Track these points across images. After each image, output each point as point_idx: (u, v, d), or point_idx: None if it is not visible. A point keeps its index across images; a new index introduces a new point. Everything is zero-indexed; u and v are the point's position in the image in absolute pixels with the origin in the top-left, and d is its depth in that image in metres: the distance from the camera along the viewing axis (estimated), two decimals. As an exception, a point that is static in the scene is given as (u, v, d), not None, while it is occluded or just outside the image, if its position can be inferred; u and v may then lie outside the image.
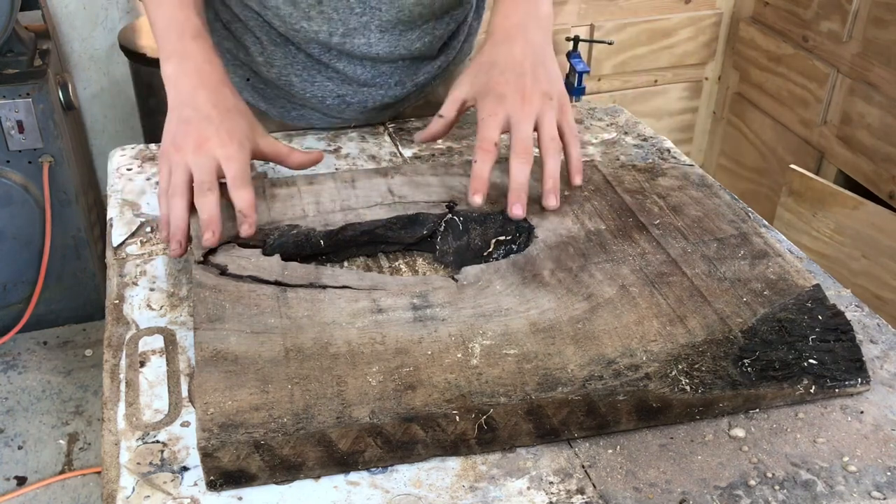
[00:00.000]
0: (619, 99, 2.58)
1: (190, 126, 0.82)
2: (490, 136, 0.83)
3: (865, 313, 0.79)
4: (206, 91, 0.85)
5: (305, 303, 0.71)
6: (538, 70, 0.85)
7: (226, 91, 0.86)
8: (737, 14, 2.58)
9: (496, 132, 0.84)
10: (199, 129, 0.82)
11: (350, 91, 1.06)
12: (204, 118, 0.83)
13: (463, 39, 1.13)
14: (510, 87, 0.84)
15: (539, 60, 0.86)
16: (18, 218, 2.07)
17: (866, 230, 1.83)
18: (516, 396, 0.62)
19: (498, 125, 0.84)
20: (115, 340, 0.74)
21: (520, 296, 0.72)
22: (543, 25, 0.89)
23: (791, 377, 0.66)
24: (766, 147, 2.50)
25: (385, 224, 0.83)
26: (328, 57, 1.02)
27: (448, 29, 1.06)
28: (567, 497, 0.60)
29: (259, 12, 1.01)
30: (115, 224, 0.90)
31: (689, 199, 0.88)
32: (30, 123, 1.97)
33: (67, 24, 2.33)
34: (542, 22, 0.89)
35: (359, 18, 0.98)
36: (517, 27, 0.88)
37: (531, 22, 0.88)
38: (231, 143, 0.82)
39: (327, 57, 1.02)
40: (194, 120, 0.83)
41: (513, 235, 0.84)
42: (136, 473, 0.61)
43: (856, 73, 2.11)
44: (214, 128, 0.82)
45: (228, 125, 0.83)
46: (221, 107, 0.84)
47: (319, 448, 0.60)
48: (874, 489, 0.60)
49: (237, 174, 0.81)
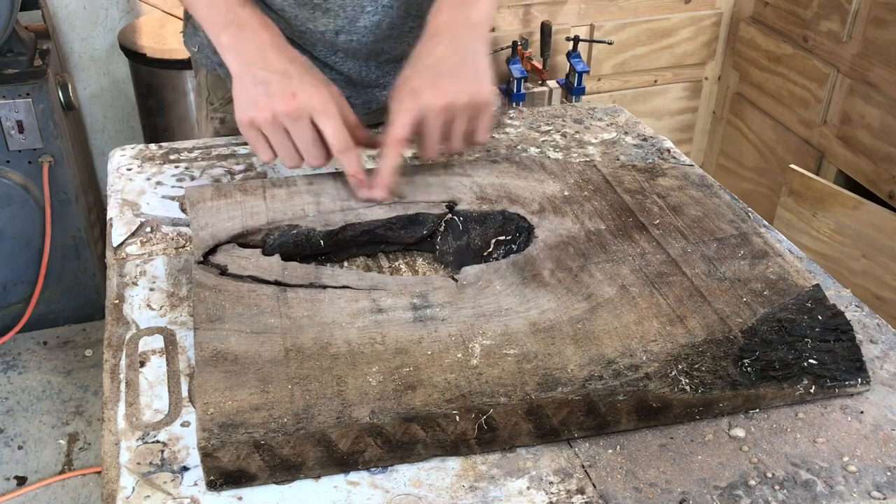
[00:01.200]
0: (619, 99, 2.58)
1: (270, 85, 0.78)
2: (396, 131, 0.82)
3: (865, 313, 0.79)
4: (275, 49, 0.81)
5: (305, 303, 0.71)
6: (458, 69, 0.84)
7: (294, 50, 0.83)
8: (737, 14, 2.58)
9: (403, 128, 0.82)
10: (282, 85, 0.78)
11: (355, 93, 1.07)
12: (282, 74, 0.79)
13: None
14: (426, 84, 0.83)
15: (461, 59, 0.85)
16: (18, 218, 2.07)
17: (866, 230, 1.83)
18: (516, 396, 0.62)
19: (407, 122, 0.82)
20: (115, 340, 0.74)
21: (520, 296, 0.72)
22: (475, 24, 0.88)
23: (791, 377, 0.66)
24: (766, 147, 2.50)
25: (385, 224, 0.83)
26: (334, 59, 1.03)
27: None
28: (567, 497, 0.60)
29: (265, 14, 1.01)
30: (115, 224, 0.90)
31: (689, 199, 0.88)
32: (30, 123, 1.97)
33: (67, 24, 2.33)
34: (474, 21, 0.88)
35: (365, 17, 0.98)
36: (445, 26, 0.87)
37: (461, 23, 0.88)
38: (319, 93, 0.78)
39: (333, 59, 1.03)
40: (273, 78, 0.79)
41: (513, 235, 0.84)
42: (136, 473, 0.61)
43: (856, 73, 2.11)
44: (297, 81, 0.78)
45: (310, 77, 0.79)
46: (297, 62, 0.81)
47: (319, 448, 0.60)
48: (874, 489, 0.60)
49: (336, 133, 0.77)
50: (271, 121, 0.78)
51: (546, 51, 2.34)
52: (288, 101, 0.77)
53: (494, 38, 2.35)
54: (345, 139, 0.79)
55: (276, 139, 0.79)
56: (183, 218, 0.90)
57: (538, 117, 1.14)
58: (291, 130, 0.78)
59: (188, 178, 0.97)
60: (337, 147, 0.78)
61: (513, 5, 2.35)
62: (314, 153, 0.81)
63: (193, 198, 0.86)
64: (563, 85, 2.38)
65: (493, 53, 2.33)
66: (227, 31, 0.84)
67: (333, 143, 0.78)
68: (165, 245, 0.86)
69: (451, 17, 0.88)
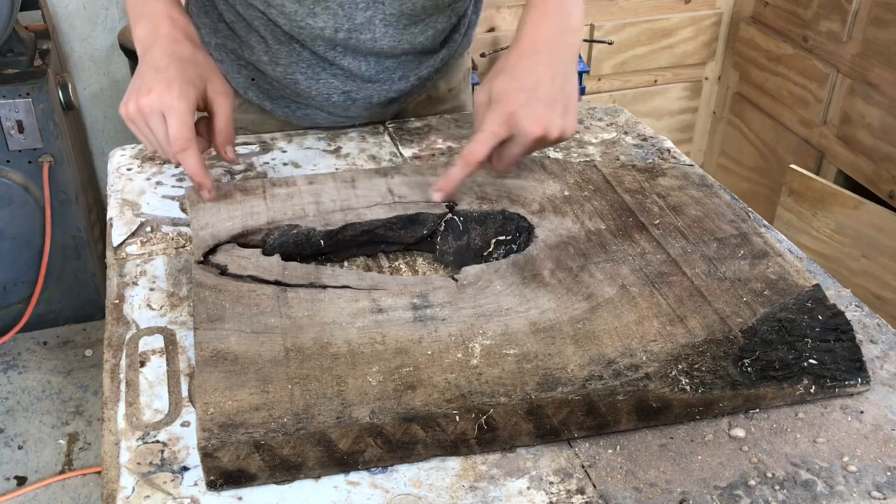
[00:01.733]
0: (619, 99, 2.58)
1: (142, 80, 0.82)
2: (479, 150, 0.82)
3: (865, 313, 0.79)
4: (162, 45, 0.85)
5: (305, 303, 0.71)
6: (556, 97, 0.81)
7: (184, 43, 0.86)
8: (737, 14, 2.58)
9: (487, 150, 0.82)
10: (145, 80, 0.82)
11: (355, 87, 1.06)
12: (153, 70, 0.82)
13: (463, 33, 1.14)
14: (524, 111, 0.81)
15: (560, 86, 0.82)
16: (18, 218, 2.07)
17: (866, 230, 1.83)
18: (516, 396, 0.62)
19: (493, 143, 0.82)
20: (115, 340, 0.74)
21: (520, 296, 0.72)
22: (572, 41, 0.84)
23: (791, 377, 0.66)
24: (766, 147, 2.50)
25: (385, 224, 0.83)
26: (333, 54, 1.03)
27: (450, 22, 1.07)
28: (567, 497, 0.60)
29: (264, 11, 1.01)
30: (115, 224, 0.90)
31: (689, 199, 0.88)
32: (30, 123, 1.97)
33: (67, 24, 2.33)
34: (572, 37, 0.84)
35: (363, 13, 0.98)
36: (545, 42, 0.83)
37: (561, 37, 0.84)
38: (170, 90, 0.81)
39: (332, 54, 1.03)
40: (146, 74, 0.83)
41: (513, 235, 0.84)
42: (136, 473, 0.61)
43: (856, 73, 2.11)
44: (160, 76, 0.81)
45: (172, 72, 0.82)
46: (174, 56, 0.84)
47: (319, 448, 0.60)
48: (874, 489, 0.60)
49: (174, 130, 0.80)
50: (133, 114, 0.82)
51: (546, 51, 2.34)
52: (143, 97, 0.81)
53: (494, 37, 2.35)
54: (182, 138, 0.81)
55: (141, 131, 0.83)
56: (183, 218, 0.90)
57: (538, 117, 1.14)
58: (148, 124, 0.81)
59: (188, 177, 0.97)
60: (175, 145, 0.81)
61: (513, 5, 2.35)
62: (165, 150, 0.84)
63: (193, 198, 0.86)
64: (563, 85, 2.38)
65: (493, 53, 2.33)
66: (138, 25, 0.88)
67: (172, 141, 0.81)
68: (165, 245, 0.86)
69: (551, 35, 0.84)
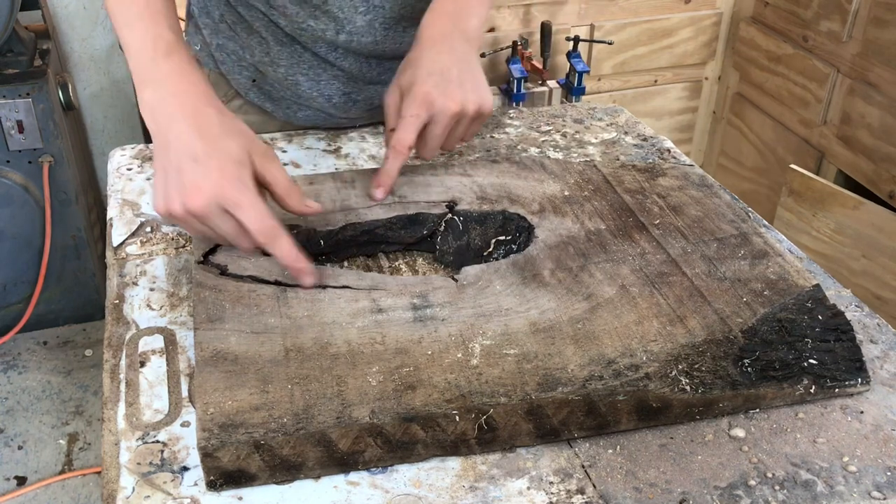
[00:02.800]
0: (619, 99, 2.58)
1: (181, 175, 0.72)
2: (406, 137, 0.84)
3: (865, 313, 0.79)
4: (186, 119, 0.74)
5: (305, 303, 0.71)
6: (464, 77, 0.86)
7: (208, 112, 0.75)
8: (737, 14, 2.58)
9: (413, 134, 0.85)
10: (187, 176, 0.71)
11: (356, 89, 1.07)
12: (190, 159, 0.72)
13: None
14: (437, 90, 0.84)
15: (464, 68, 0.87)
16: (18, 218, 2.07)
17: (866, 230, 1.83)
18: (516, 396, 0.62)
19: (417, 127, 0.85)
20: (115, 340, 0.74)
21: (520, 296, 0.72)
22: (470, 37, 0.90)
23: (791, 377, 0.66)
24: (766, 147, 2.50)
25: (385, 224, 0.83)
26: (334, 56, 1.03)
27: None
28: (567, 497, 0.60)
29: (265, 12, 1.01)
30: (115, 224, 0.90)
31: (689, 199, 0.88)
32: (30, 123, 1.97)
33: (67, 24, 2.33)
34: (469, 34, 0.90)
35: (364, 17, 0.98)
36: (442, 36, 0.89)
37: (455, 33, 0.89)
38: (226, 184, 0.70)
39: (333, 56, 1.03)
40: (182, 165, 0.72)
41: (513, 235, 0.84)
42: (136, 473, 0.61)
43: (856, 73, 2.11)
44: (203, 169, 0.71)
45: (217, 160, 0.72)
46: (207, 136, 0.73)
47: (319, 448, 0.60)
48: (874, 489, 0.60)
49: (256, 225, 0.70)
50: (185, 216, 0.71)
51: (546, 51, 2.34)
52: (195, 197, 0.70)
53: (494, 37, 2.35)
54: (268, 229, 0.71)
55: (199, 229, 0.73)
56: (183, 218, 0.90)
57: (538, 117, 1.14)
58: (209, 225, 0.72)
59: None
60: (261, 240, 0.71)
61: (513, 5, 2.35)
62: (242, 243, 0.74)
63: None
64: (563, 85, 2.38)
65: (493, 53, 2.32)
66: (146, 89, 0.76)
67: (256, 237, 0.71)
68: (165, 245, 0.86)
69: (447, 30, 0.89)
